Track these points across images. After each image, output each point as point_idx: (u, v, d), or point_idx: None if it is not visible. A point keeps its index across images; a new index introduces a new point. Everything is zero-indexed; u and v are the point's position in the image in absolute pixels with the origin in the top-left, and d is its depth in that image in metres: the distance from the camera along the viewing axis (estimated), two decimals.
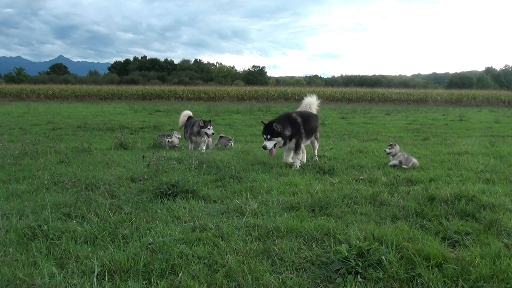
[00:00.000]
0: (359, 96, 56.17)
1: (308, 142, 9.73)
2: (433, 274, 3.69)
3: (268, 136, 8.55)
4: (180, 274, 3.72)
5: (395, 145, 9.15)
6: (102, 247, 4.35)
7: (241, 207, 5.71)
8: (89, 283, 3.52)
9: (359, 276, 3.67)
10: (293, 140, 8.91)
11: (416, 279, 3.65)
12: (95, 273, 3.65)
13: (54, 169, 8.23)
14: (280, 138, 8.59)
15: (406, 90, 62.22)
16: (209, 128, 11.11)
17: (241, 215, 5.45)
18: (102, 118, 21.46)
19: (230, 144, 12.16)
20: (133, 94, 56.01)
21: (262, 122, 9.04)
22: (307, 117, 9.48)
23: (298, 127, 8.94)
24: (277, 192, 6.59)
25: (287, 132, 8.68)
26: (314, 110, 10.33)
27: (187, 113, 12.78)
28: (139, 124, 18.62)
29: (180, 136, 12.73)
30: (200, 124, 11.05)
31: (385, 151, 9.32)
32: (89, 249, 4.28)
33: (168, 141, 12.23)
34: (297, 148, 9.01)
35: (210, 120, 11.42)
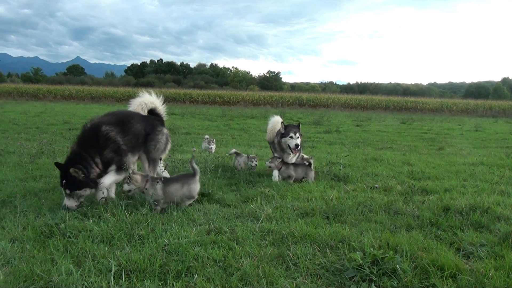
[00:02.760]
0: (374, 103, 55.85)
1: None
2: (447, 285, 3.68)
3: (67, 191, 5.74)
4: (196, 276, 3.76)
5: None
6: (118, 247, 4.41)
7: (256, 212, 5.74)
8: (106, 282, 3.57)
9: (373, 284, 3.67)
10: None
11: None
12: (112, 272, 3.70)
13: None
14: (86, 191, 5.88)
15: (421, 99, 61.77)
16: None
17: (255, 219, 5.48)
18: None
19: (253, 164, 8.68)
20: None
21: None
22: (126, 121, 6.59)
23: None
24: (291, 198, 6.61)
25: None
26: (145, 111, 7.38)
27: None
28: None
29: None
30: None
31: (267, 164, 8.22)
32: (106, 248, 4.35)
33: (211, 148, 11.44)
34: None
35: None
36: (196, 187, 6.01)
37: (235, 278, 3.73)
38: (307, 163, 8.27)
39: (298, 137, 8.15)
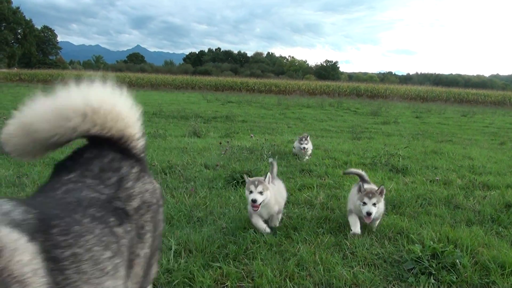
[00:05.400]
0: (435, 95, 53.90)
1: None
2: (508, 282, 3.54)
3: None
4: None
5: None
6: (178, 227, 4.55)
7: (311, 199, 5.74)
8: (166, 259, 3.69)
9: (432, 277, 3.59)
10: None
11: (490, 286, 3.53)
12: (172, 250, 3.82)
13: None
14: None
15: (483, 91, 58.89)
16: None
17: (311, 207, 5.48)
18: (176, 106, 22.08)
19: None
20: (206, 85, 57.18)
21: None
22: None
23: None
24: (348, 187, 6.54)
25: None
26: None
27: None
28: (211, 114, 18.99)
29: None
30: None
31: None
32: (166, 227, 4.50)
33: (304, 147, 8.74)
34: None
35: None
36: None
37: (292, 263, 3.75)
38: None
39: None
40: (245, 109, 23.62)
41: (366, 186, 4.70)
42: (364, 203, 4.51)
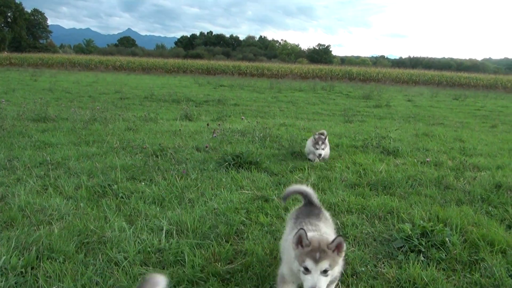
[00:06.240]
0: (427, 79, 53.94)
1: None
2: (496, 259, 3.60)
3: None
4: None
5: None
6: (169, 208, 4.57)
7: (302, 181, 5.76)
8: (157, 239, 3.71)
9: (421, 255, 3.64)
10: None
11: (479, 263, 3.59)
12: (164, 231, 3.84)
13: (122, 135, 8.61)
14: None
15: (475, 74, 59.00)
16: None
17: None
18: (168, 90, 21.92)
19: None
20: (198, 68, 56.82)
21: None
22: None
23: None
24: (339, 169, 6.58)
25: None
26: None
27: None
28: (203, 98, 18.88)
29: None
30: None
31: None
32: (157, 209, 4.52)
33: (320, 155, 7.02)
34: None
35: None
36: None
37: None
38: None
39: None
40: (237, 92, 23.52)
41: (311, 235, 2.62)
42: (307, 270, 2.50)
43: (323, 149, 6.89)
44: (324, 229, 2.96)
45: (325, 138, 7.00)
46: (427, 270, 3.37)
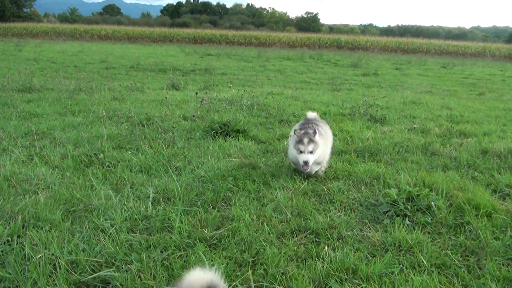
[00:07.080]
0: (415, 47, 53.83)
1: None
2: (482, 223, 3.65)
3: None
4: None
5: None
6: (156, 176, 4.55)
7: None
8: (144, 207, 3.70)
9: (407, 219, 3.68)
10: None
11: (464, 226, 3.64)
12: (150, 198, 3.83)
13: (108, 105, 8.52)
14: None
15: (463, 42, 59.02)
16: None
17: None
18: (154, 60, 21.66)
19: None
20: (184, 37, 56.07)
21: None
22: None
23: None
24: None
25: None
26: None
27: None
28: (190, 67, 18.68)
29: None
30: None
31: None
32: (144, 177, 4.50)
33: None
34: None
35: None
36: None
37: (269, 208, 3.80)
38: None
39: None
40: (224, 61, 23.30)
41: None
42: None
43: (311, 151, 4.36)
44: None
45: (315, 133, 4.43)
46: (412, 234, 3.41)
